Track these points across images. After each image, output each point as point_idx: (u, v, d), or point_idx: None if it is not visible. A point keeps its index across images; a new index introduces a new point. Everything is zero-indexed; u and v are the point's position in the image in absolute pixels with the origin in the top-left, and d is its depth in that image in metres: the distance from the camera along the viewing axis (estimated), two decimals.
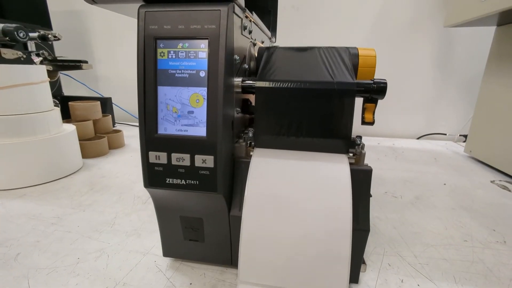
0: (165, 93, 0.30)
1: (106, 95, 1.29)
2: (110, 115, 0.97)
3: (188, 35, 0.28)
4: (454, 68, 1.11)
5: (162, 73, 0.30)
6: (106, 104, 1.14)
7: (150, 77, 0.30)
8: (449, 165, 0.84)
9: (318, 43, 1.17)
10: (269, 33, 0.59)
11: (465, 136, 1.09)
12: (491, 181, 0.71)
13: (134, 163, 0.79)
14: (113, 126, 1.04)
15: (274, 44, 0.73)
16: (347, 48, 0.38)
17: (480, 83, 0.87)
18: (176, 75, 0.29)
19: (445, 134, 1.16)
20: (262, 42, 0.50)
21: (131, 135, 1.09)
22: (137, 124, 1.28)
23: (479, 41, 1.06)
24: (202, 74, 0.29)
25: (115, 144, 0.91)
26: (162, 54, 0.29)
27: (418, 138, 1.19)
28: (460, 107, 1.16)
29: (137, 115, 1.24)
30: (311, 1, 1.13)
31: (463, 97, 1.14)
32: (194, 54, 0.29)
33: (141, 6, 0.29)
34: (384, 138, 1.17)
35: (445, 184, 0.69)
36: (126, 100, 1.35)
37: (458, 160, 0.90)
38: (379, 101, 0.33)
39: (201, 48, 0.29)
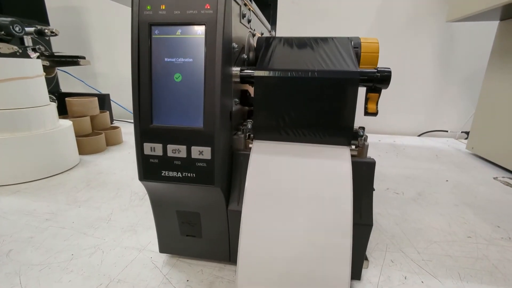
0: (160, 82, 0.29)
1: (104, 91, 1.28)
2: (108, 112, 0.96)
3: (184, 20, 0.27)
4: (455, 64, 1.10)
5: (157, 61, 0.28)
6: (104, 101, 1.13)
7: (144, 65, 0.28)
8: (451, 162, 0.83)
9: None
10: (269, 26, 0.58)
11: (467, 133, 1.08)
12: (494, 178, 0.70)
13: (131, 160, 0.78)
14: (111, 123, 1.03)
15: None
16: (349, 37, 0.37)
17: (482, 79, 0.86)
18: (172, 63, 0.28)
19: (447, 131, 1.15)
20: (262, 34, 0.49)
21: (129, 132, 1.08)
22: None
23: (480, 37, 1.05)
24: (199, 62, 0.28)
25: (112, 140, 0.90)
26: (157, 41, 0.28)
27: (419, 135, 1.18)
28: (461, 104, 1.15)
29: None
30: None
31: (464, 94, 1.13)
32: (191, 41, 0.28)
33: None
34: (385, 135, 1.16)
35: (447, 180, 0.68)
36: (125, 97, 1.33)
37: (460, 157, 0.89)
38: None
39: (198, 35, 0.27)
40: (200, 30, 0.27)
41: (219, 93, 0.28)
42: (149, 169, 0.30)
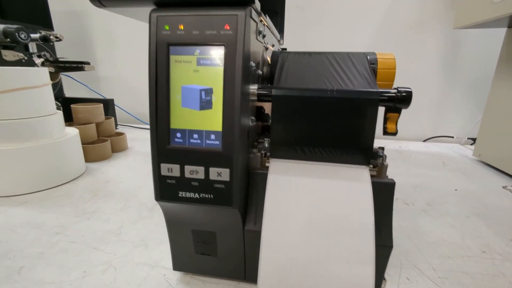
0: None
1: (107, 96, 1.27)
2: (113, 118, 0.95)
3: (203, 41, 0.27)
4: (460, 69, 1.10)
5: (175, 82, 0.28)
6: (108, 106, 1.12)
7: (162, 85, 0.28)
8: (458, 169, 0.83)
9: (322, 43, 1.15)
10: (278, 35, 0.57)
11: (473, 139, 1.07)
12: (503, 187, 0.70)
13: (138, 167, 0.78)
14: (116, 128, 1.03)
15: (282, 46, 0.72)
16: (365, 53, 0.36)
17: (488, 84, 0.85)
18: (190, 84, 0.28)
19: (453, 137, 1.15)
20: (273, 46, 0.49)
21: (134, 137, 1.07)
22: (140, 125, 1.27)
23: (486, 42, 1.05)
24: (218, 82, 0.27)
25: (118, 147, 0.90)
26: (175, 61, 0.28)
27: (424, 141, 1.17)
28: (466, 110, 1.14)
29: (139, 116, 1.21)
30: (315, 1, 1.11)
31: (470, 99, 1.13)
32: (209, 62, 0.27)
33: (153, 10, 0.28)
34: (390, 140, 1.15)
35: (456, 189, 0.68)
36: (128, 101, 1.33)
37: (467, 164, 0.88)
38: None
39: (217, 55, 0.27)
40: (219, 50, 0.27)
41: (239, 114, 0.27)
42: (166, 190, 0.30)
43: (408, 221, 0.53)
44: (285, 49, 0.75)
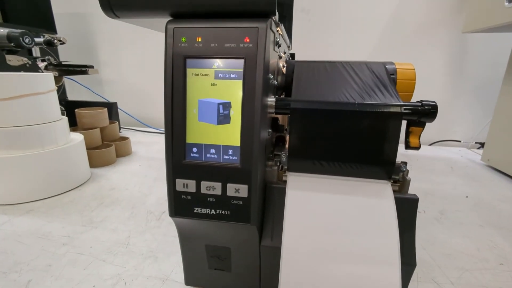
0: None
1: (110, 99, 1.26)
2: (117, 122, 0.94)
3: (222, 54, 0.26)
4: (467, 73, 1.09)
5: (192, 95, 0.27)
6: (111, 110, 1.11)
7: (178, 98, 0.27)
8: (467, 175, 0.82)
9: (328, 46, 1.14)
10: (288, 42, 0.56)
11: (480, 143, 1.06)
12: None
13: (143, 173, 0.77)
14: (119, 132, 1.02)
15: (291, 52, 0.71)
16: (383, 62, 0.35)
17: (495, 89, 0.85)
18: (207, 98, 0.27)
19: (460, 141, 1.14)
20: (285, 53, 0.48)
21: (138, 141, 1.06)
22: (143, 129, 1.26)
23: (493, 46, 1.04)
24: (237, 96, 0.26)
25: (122, 152, 0.89)
26: (192, 74, 0.27)
27: (430, 145, 1.16)
28: (473, 114, 1.13)
29: (143, 120, 1.19)
30: (321, 4, 1.10)
31: (476, 103, 1.12)
32: (228, 75, 0.26)
33: (169, 22, 0.27)
34: None
35: (467, 196, 0.67)
36: (132, 104, 1.32)
37: (476, 169, 0.87)
38: None
39: (236, 69, 0.26)
40: (238, 64, 0.26)
41: (258, 128, 0.26)
42: (181, 206, 0.29)
43: (421, 230, 0.52)
44: (294, 54, 0.74)
